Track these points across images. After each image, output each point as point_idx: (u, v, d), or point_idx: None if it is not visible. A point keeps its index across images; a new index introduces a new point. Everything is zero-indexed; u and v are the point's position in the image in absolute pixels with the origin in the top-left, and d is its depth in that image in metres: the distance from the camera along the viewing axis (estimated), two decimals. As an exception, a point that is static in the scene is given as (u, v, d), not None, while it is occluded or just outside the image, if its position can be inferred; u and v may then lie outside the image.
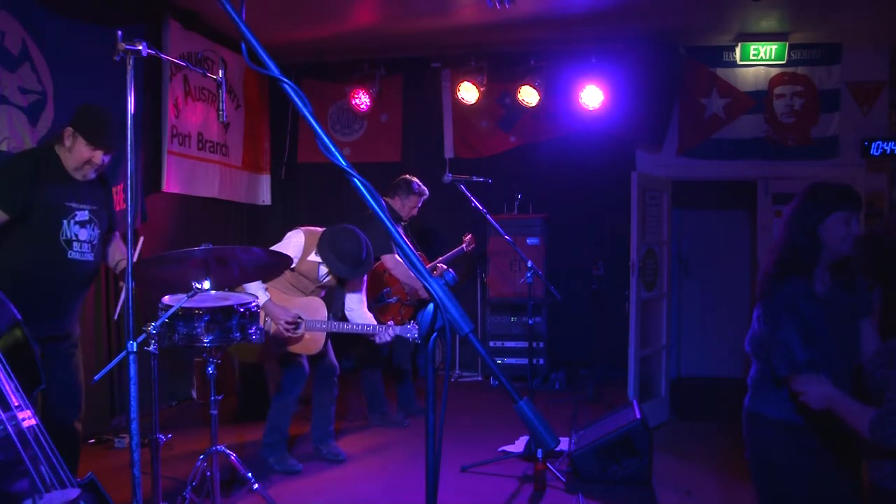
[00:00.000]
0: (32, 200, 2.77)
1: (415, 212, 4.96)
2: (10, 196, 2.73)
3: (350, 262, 3.79)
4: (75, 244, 2.89)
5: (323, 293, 4.07)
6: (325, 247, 3.79)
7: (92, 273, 3.05)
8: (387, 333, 3.81)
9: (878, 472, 2.11)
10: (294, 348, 3.90)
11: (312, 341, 3.91)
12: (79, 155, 2.84)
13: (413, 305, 5.03)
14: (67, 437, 2.94)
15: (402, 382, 5.24)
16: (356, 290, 4.11)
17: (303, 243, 3.88)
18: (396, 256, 4.63)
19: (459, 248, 5.36)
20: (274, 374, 4.55)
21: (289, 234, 3.96)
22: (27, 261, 2.80)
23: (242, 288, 3.63)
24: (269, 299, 3.71)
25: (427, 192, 4.94)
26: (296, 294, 3.96)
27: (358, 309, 4.10)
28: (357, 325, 3.91)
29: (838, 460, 2.29)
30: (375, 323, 3.96)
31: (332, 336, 4.06)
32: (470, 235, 5.41)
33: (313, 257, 3.88)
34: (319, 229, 3.96)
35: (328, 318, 3.91)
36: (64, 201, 2.86)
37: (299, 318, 3.79)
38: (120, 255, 3.19)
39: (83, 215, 2.92)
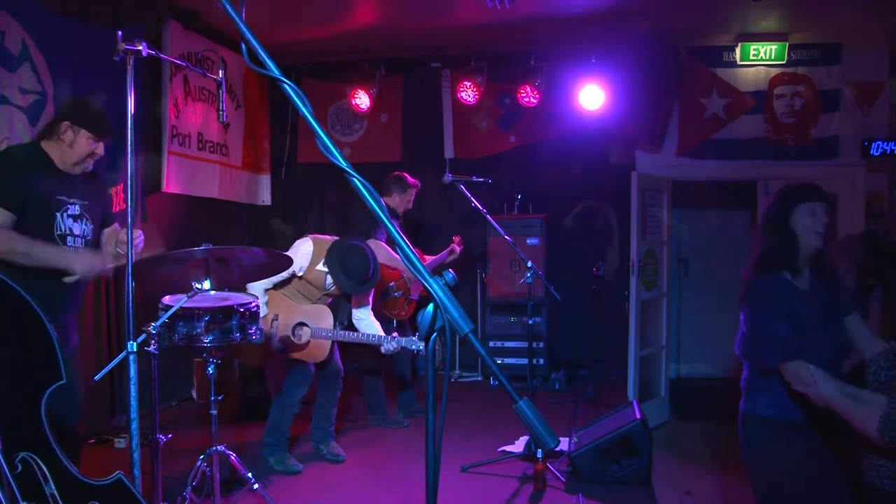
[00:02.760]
0: (27, 195, 2.74)
1: (410, 205, 4.96)
2: (11, 196, 2.70)
3: (356, 280, 3.79)
4: (69, 238, 2.88)
5: (330, 301, 4.08)
6: (333, 261, 3.79)
7: None
8: (391, 344, 3.83)
9: (875, 473, 2.10)
10: (298, 356, 3.90)
11: (317, 348, 3.91)
12: (81, 149, 2.83)
13: (417, 301, 5.06)
14: (69, 439, 2.95)
15: (403, 389, 5.26)
16: (362, 304, 4.14)
17: (311, 252, 3.89)
18: (376, 240, 4.60)
19: (449, 248, 5.30)
20: (274, 375, 4.55)
21: (297, 242, 3.97)
22: None
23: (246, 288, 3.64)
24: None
25: (420, 184, 4.97)
26: (303, 301, 3.97)
27: (367, 318, 4.12)
28: (363, 334, 3.93)
29: (834, 457, 2.28)
30: (383, 333, 3.98)
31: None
32: (458, 237, 5.31)
33: (321, 267, 3.88)
34: (327, 237, 3.97)
35: (335, 326, 3.92)
36: (55, 195, 2.83)
37: (304, 325, 3.80)
38: (112, 231, 3.12)
39: (74, 209, 2.90)
